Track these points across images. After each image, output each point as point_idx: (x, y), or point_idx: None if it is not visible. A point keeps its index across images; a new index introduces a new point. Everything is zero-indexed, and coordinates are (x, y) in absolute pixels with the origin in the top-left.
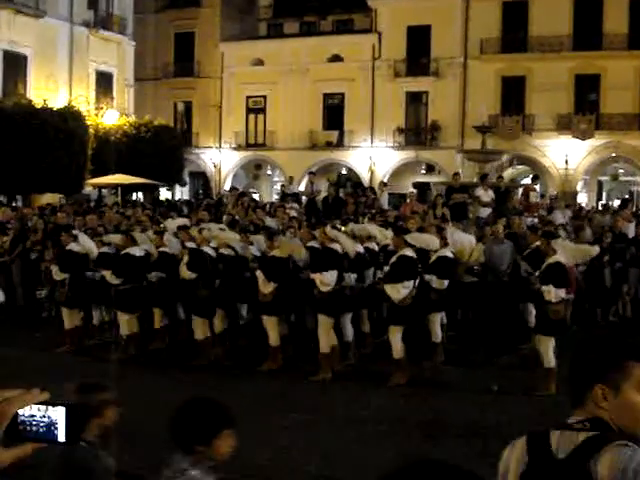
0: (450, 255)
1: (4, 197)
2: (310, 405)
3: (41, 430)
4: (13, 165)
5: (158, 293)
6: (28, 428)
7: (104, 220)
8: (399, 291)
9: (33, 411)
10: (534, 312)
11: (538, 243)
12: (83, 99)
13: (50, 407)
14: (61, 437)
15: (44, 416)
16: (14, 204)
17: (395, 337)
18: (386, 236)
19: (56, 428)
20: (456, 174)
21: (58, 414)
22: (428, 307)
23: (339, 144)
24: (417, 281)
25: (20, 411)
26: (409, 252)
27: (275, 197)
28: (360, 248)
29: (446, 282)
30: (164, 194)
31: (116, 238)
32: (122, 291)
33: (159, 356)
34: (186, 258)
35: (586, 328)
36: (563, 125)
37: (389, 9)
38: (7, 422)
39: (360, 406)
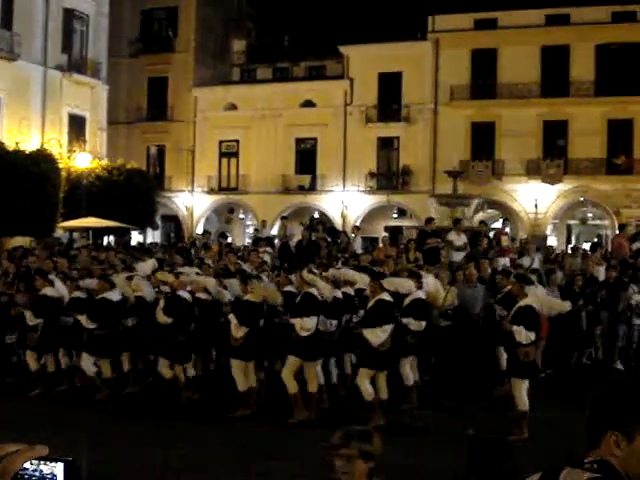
0: (424, 297)
1: None
2: (286, 451)
3: None
4: None
5: (130, 338)
6: None
7: (78, 263)
8: (378, 335)
9: (25, 465)
10: (505, 355)
11: (510, 286)
12: (55, 142)
13: (44, 462)
14: None
15: (35, 470)
16: None
17: (364, 380)
18: (364, 281)
19: None
20: (430, 219)
21: (56, 469)
22: (402, 351)
23: (311, 188)
24: (393, 325)
25: None
26: (386, 296)
27: (248, 241)
28: (338, 293)
29: (423, 324)
30: (136, 237)
31: (92, 282)
32: (97, 336)
33: (132, 401)
34: (162, 303)
35: (560, 372)
36: (532, 170)
37: (360, 56)
38: (9, 478)
39: None
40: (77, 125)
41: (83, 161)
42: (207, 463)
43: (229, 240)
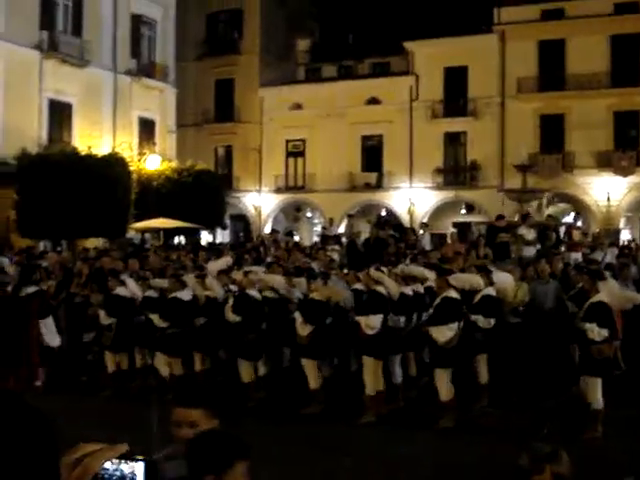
0: (494, 294)
1: (49, 242)
2: (356, 449)
3: None
4: (58, 211)
5: (201, 337)
6: None
7: (149, 264)
8: (444, 333)
9: (106, 464)
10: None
11: (582, 283)
12: (126, 145)
13: (124, 461)
14: None
15: (116, 470)
16: (58, 249)
17: (441, 380)
18: (433, 278)
19: None
20: (501, 216)
21: (136, 469)
22: (474, 348)
23: (378, 185)
24: (462, 322)
25: None
26: (453, 293)
27: (315, 239)
28: (408, 290)
29: (492, 321)
30: (205, 237)
31: (163, 282)
32: (169, 335)
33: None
34: (231, 301)
35: (636, 369)
36: (603, 162)
37: (425, 51)
38: (90, 478)
39: (407, 450)
40: (147, 128)
41: (153, 163)
42: (274, 460)
43: (297, 238)
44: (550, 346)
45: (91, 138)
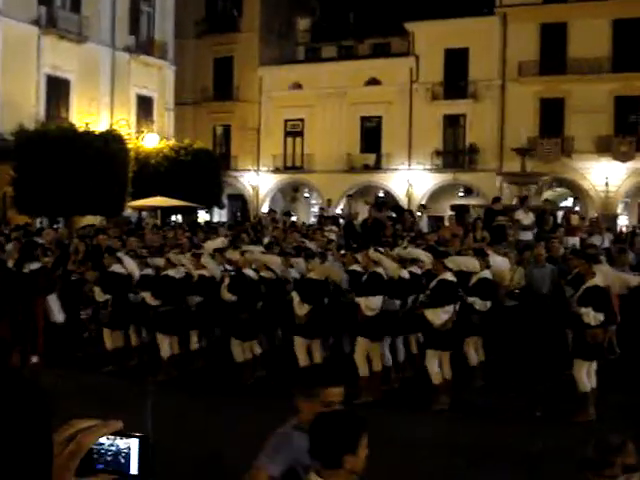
0: (490, 277)
1: (46, 219)
2: None
3: (109, 460)
4: (55, 188)
5: (196, 315)
6: (96, 457)
7: (145, 242)
8: (439, 316)
9: (101, 439)
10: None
11: (579, 267)
12: (124, 123)
13: (120, 437)
14: (133, 470)
15: (112, 445)
16: (55, 226)
17: (432, 362)
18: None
19: (126, 460)
20: (498, 198)
21: (131, 445)
22: (467, 331)
23: (376, 167)
24: (457, 305)
25: None
26: (449, 276)
27: (312, 220)
28: (404, 273)
29: (489, 304)
30: (202, 216)
31: (160, 261)
32: (161, 313)
33: (198, 378)
34: (227, 280)
35: (632, 354)
36: (603, 147)
37: (426, 32)
38: (83, 454)
39: (402, 431)
40: (145, 106)
41: (151, 141)
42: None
43: (294, 219)
44: (545, 330)
45: (89, 115)
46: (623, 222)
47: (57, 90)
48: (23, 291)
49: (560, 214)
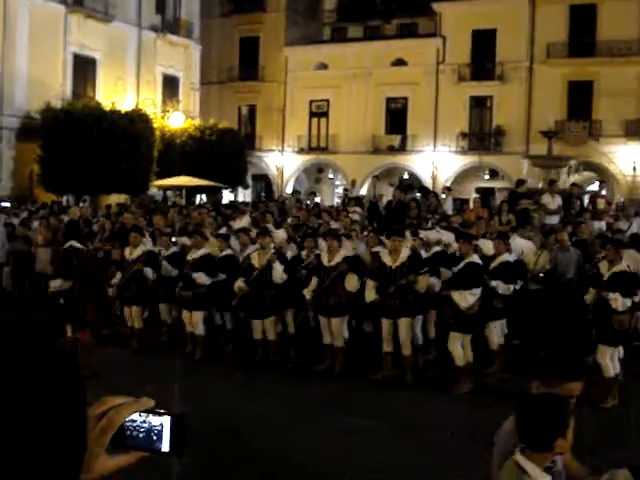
0: (511, 260)
1: (72, 197)
2: (372, 411)
3: (141, 437)
4: (81, 166)
5: (222, 294)
6: (128, 434)
7: (168, 220)
8: (466, 298)
9: (134, 416)
10: None
11: (605, 252)
12: (150, 102)
13: (152, 415)
14: (165, 447)
15: (144, 422)
16: (81, 204)
17: (456, 345)
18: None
19: (158, 437)
20: (522, 181)
21: (163, 423)
22: (490, 315)
23: (402, 148)
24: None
25: None
26: (476, 259)
27: (337, 201)
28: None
29: (512, 287)
30: (227, 196)
31: (186, 240)
32: (200, 293)
33: (224, 356)
34: (278, 263)
35: None
36: (631, 131)
37: (454, 13)
38: (114, 430)
39: (423, 414)
40: (171, 85)
41: (177, 121)
42: (294, 419)
43: (317, 199)
44: (570, 314)
45: (115, 94)
46: None
47: (83, 69)
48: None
49: (587, 198)
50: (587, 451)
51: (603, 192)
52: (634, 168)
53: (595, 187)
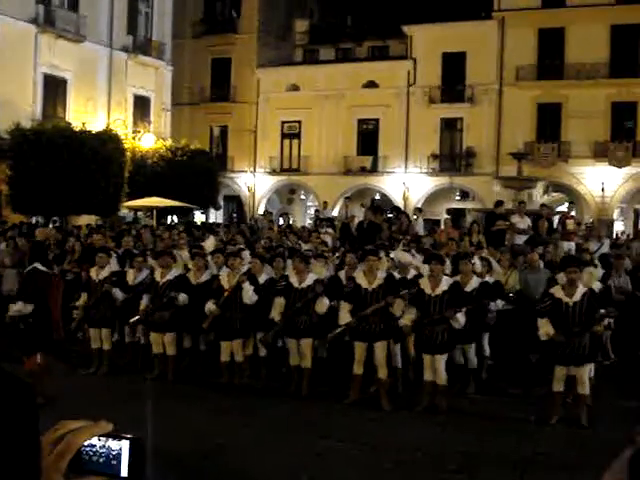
0: (490, 281)
1: (42, 218)
2: (345, 432)
3: (101, 462)
4: (51, 187)
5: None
6: (87, 459)
7: (142, 242)
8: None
9: (93, 441)
10: None
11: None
12: (121, 122)
13: (112, 439)
14: (124, 472)
15: (103, 447)
16: (51, 225)
17: (443, 364)
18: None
19: (117, 461)
20: (500, 202)
21: (122, 447)
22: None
23: (373, 169)
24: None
25: None
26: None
27: (309, 222)
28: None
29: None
30: (198, 217)
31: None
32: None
33: (191, 377)
34: (248, 284)
35: (628, 360)
36: (599, 152)
37: (424, 36)
38: (72, 455)
39: (395, 434)
40: (142, 106)
41: (148, 141)
42: (267, 441)
43: (290, 221)
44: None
45: (85, 114)
46: (619, 228)
47: (54, 89)
48: (46, 292)
49: (556, 219)
50: (560, 468)
51: (572, 213)
52: (602, 189)
53: (564, 208)
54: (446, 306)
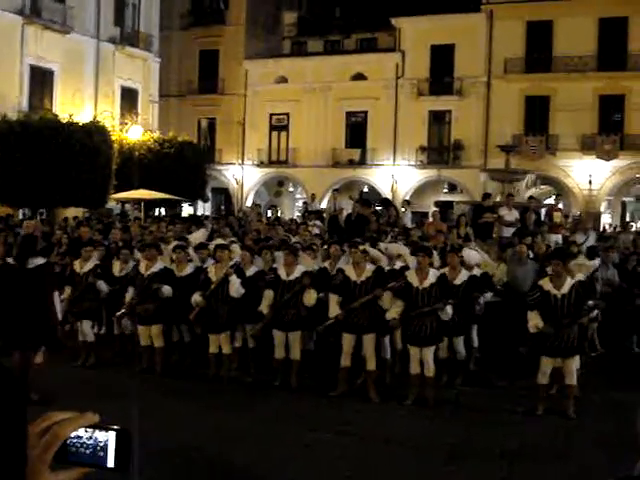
0: (478, 274)
1: (29, 210)
2: (333, 424)
3: (87, 453)
4: (38, 179)
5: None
6: (73, 450)
7: (130, 235)
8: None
9: (79, 432)
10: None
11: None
12: (108, 114)
13: (99, 430)
14: (110, 463)
15: (90, 438)
16: (38, 218)
17: (431, 356)
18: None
19: (103, 452)
20: (488, 195)
21: (108, 438)
22: (453, 328)
23: (361, 162)
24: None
25: None
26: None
27: (297, 214)
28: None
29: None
30: (186, 210)
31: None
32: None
33: (179, 370)
34: (235, 277)
35: (615, 353)
36: (587, 145)
37: (413, 28)
38: (58, 446)
39: (383, 426)
40: (129, 98)
41: (135, 133)
42: (254, 432)
43: (279, 213)
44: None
45: (72, 106)
46: (606, 220)
47: (41, 81)
48: (29, 288)
49: (543, 211)
50: (548, 459)
51: (559, 205)
52: (590, 182)
53: (552, 201)
54: (434, 299)
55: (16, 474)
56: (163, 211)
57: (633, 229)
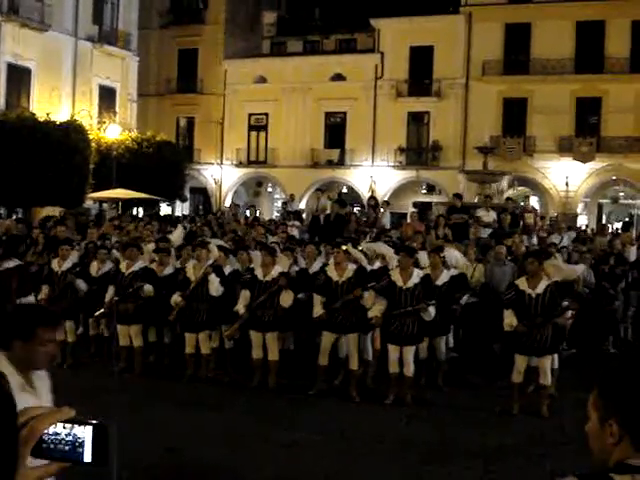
0: (455, 274)
1: (4, 210)
2: (312, 423)
3: (66, 449)
4: (15, 178)
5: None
6: (52, 446)
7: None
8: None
9: (58, 429)
10: None
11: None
12: (86, 113)
13: (76, 425)
14: (87, 457)
15: (69, 434)
16: (14, 217)
17: (411, 356)
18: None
19: (82, 447)
20: (457, 195)
21: (85, 433)
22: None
23: (340, 163)
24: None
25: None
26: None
27: (275, 214)
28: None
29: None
30: (164, 209)
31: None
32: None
33: (158, 370)
34: (214, 276)
35: (590, 353)
36: (564, 147)
37: (392, 29)
38: (35, 441)
39: (363, 426)
40: (107, 96)
41: (113, 132)
42: (232, 433)
43: (257, 213)
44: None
45: (50, 104)
46: (582, 222)
47: (18, 79)
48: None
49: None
50: (524, 458)
51: (535, 206)
52: (567, 183)
53: (531, 202)
54: (417, 299)
55: (7, 474)
56: (141, 211)
57: (610, 231)
